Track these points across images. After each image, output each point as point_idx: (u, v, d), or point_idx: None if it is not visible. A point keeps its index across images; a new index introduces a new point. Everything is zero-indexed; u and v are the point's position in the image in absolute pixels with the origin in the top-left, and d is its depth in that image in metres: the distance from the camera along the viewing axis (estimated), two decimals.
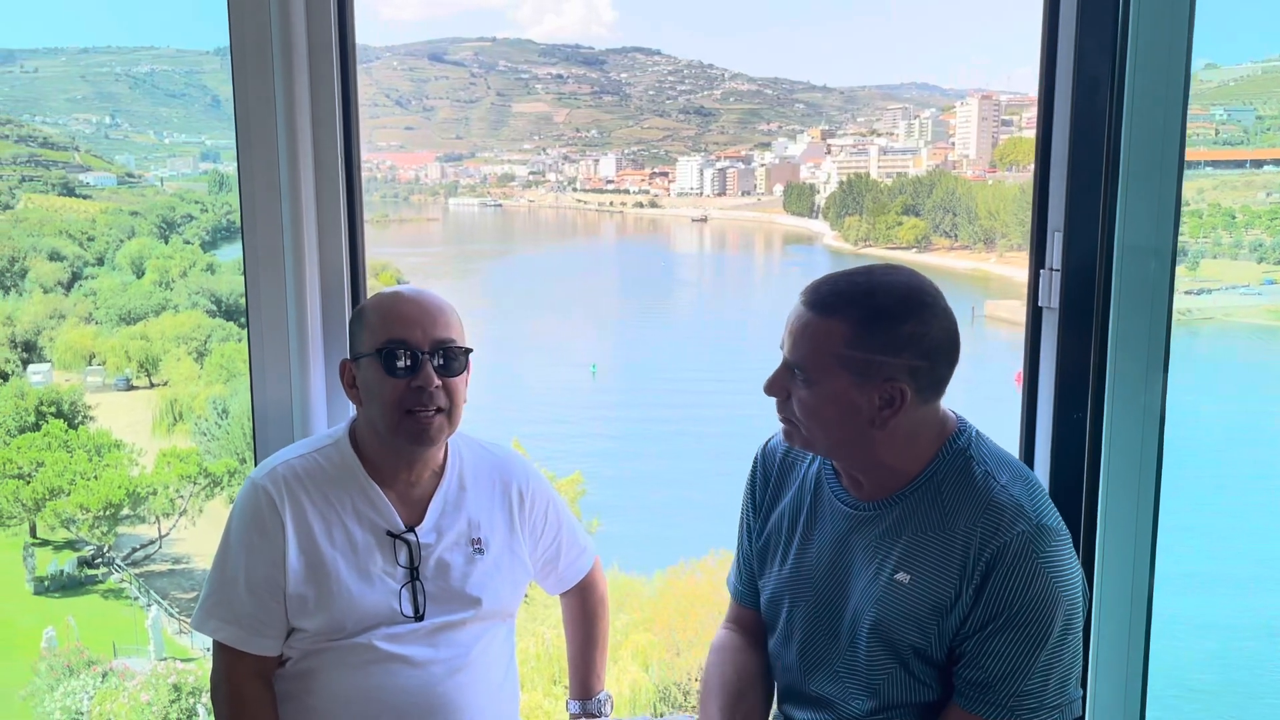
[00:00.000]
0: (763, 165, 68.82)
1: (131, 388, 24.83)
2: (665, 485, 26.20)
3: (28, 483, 18.73)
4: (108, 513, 18.85)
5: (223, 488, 19.17)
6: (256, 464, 2.07)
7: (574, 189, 73.85)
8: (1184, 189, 1.98)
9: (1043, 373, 2.16)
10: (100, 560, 19.22)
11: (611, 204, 71.45)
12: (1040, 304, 2.14)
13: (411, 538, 1.92)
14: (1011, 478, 1.70)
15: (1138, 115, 1.94)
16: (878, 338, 1.63)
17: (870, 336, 1.63)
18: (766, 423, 1.87)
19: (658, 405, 33.58)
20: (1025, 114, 55.87)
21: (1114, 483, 2.04)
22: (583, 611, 2.28)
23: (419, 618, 1.90)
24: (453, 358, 1.90)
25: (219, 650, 1.90)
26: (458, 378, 1.91)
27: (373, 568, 1.89)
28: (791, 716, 1.89)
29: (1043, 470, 2.15)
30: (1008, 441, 2.01)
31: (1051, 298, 2.09)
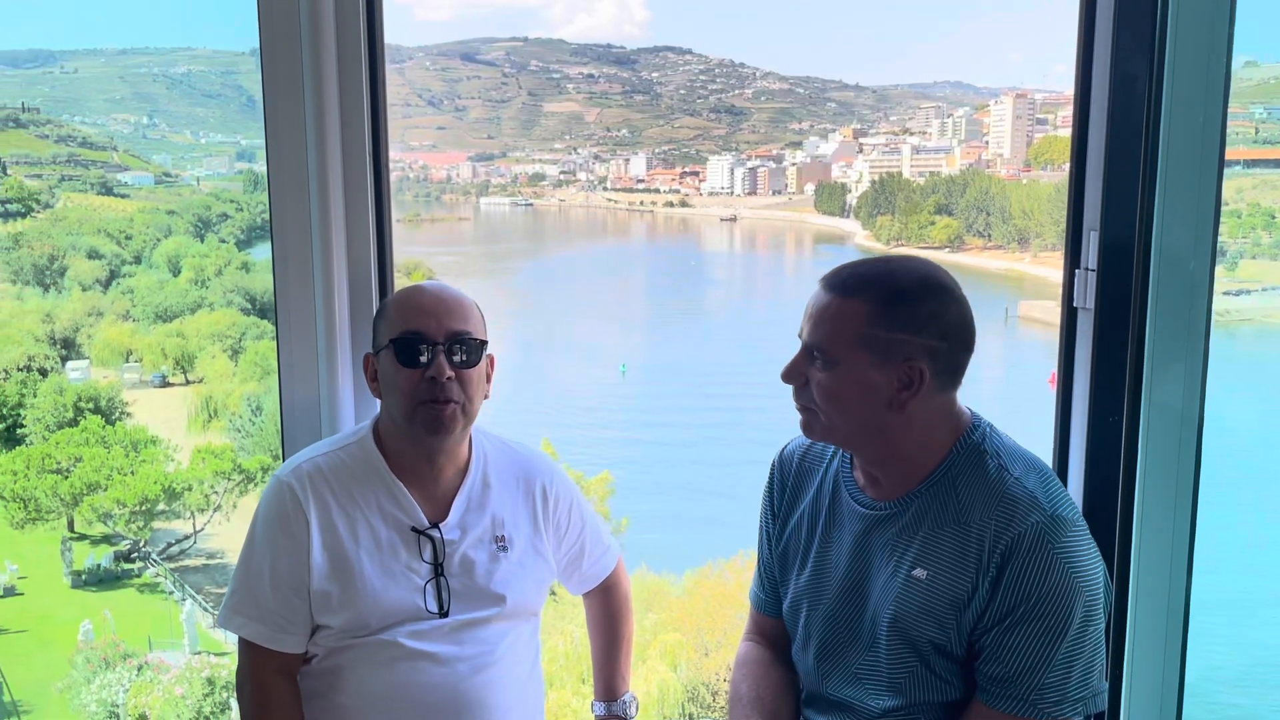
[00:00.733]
0: (794, 164, 68.59)
1: (167, 384, 25.18)
2: (694, 485, 26.19)
3: (66, 478, 19.03)
4: (144, 508, 19.12)
5: (256, 484, 19.39)
6: (283, 461, 2.08)
7: (604, 188, 73.96)
8: (1223, 189, 1.94)
9: (1078, 375, 2.12)
10: (136, 555, 19.49)
11: (642, 203, 71.48)
12: (1075, 304, 2.10)
13: (436, 534, 1.92)
14: (1025, 470, 1.69)
15: (1176, 113, 1.91)
16: (898, 317, 1.65)
17: (891, 315, 1.65)
18: (795, 421, 1.85)
19: (687, 405, 33.57)
20: (1061, 112, 55.28)
21: (1150, 487, 2.00)
22: (606, 612, 2.27)
23: (443, 614, 1.90)
24: (468, 350, 1.90)
25: (244, 647, 1.90)
26: (473, 369, 1.91)
27: (397, 564, 1.89)
28: None
29: (1077, 474, 2.12)
30: (1042, 444, 1.97)
31: (1087, 298, 2.06)
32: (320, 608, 1.86)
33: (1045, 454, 1.99)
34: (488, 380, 1.97)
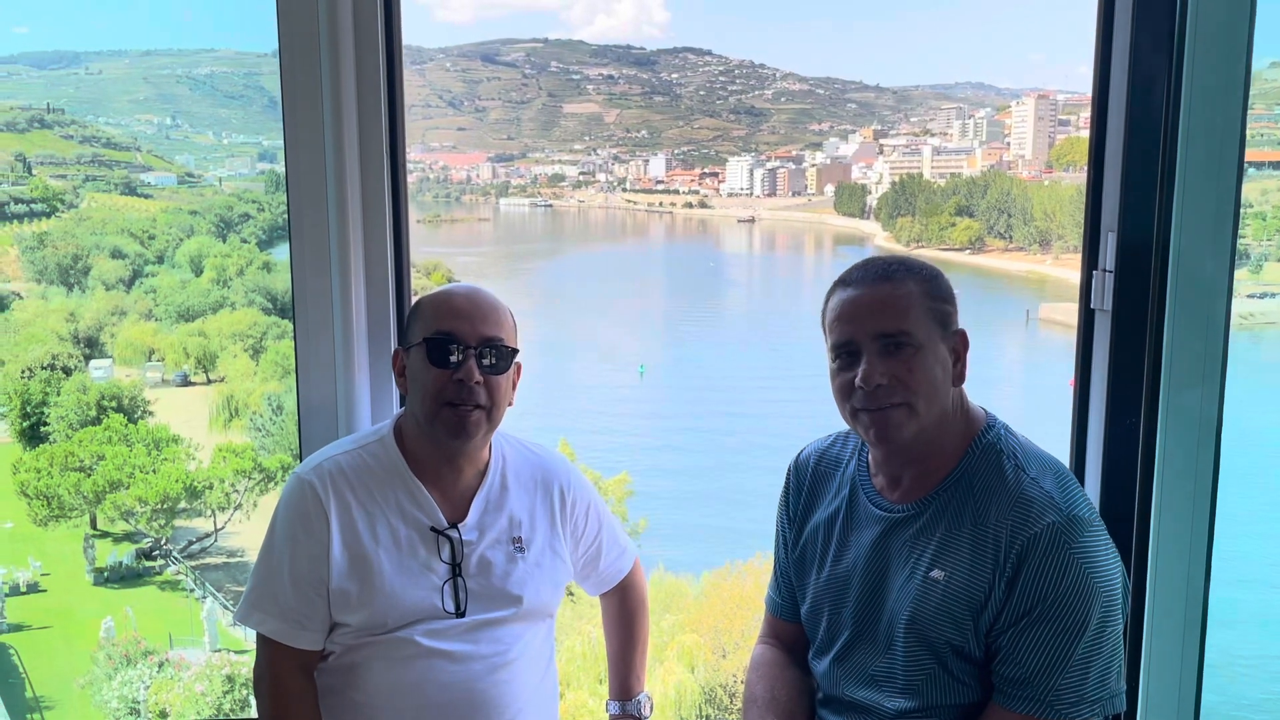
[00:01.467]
0: (813, 165, 68.42)
1: (189, 383, 25.34)
2: (712, 486, 26.15)
3: (89, 476, 19.19)
4: (165, 506, 19.26)
5: (276, 483, 19.49)
6: (302, 459, 2.09)
7: (624, 189, 73.99)
8: (1246, 191, 1.93)
9: (1095, 376, 2.11)
10: (158, 552, 19.63)
11: (661, 204, 71.46)
12: (1093, 306, 2.09)
13: (454, 534, 1.93)
14: (1042, 470, 1.69)
15: (1195, 115, 1.90)
16: (942, 288, 1.74)
17: (938, 287, 1.73)
18: (814, 423, 1.86)
19: (705, 406, 33.54)
20: (1083, 114, 54.86)
21: (1168, 490, 1.99)
22: (622, 612, 2.28)
23: (460, 614, 1.91)
24: (499, 356, 1.91)
25: (262, 643, 1.92)
26: (501, 376, 1.91)
27: (415, 563, 1.90)
28: None
29: (1094, 476, 2.11)
30: (1059, 446, 1.97)
31: (1104, 300, 2.05)
32: (339, 605, 1.87)
33: (1063, 456, 1.98)
34: (513, 387, 1.97)
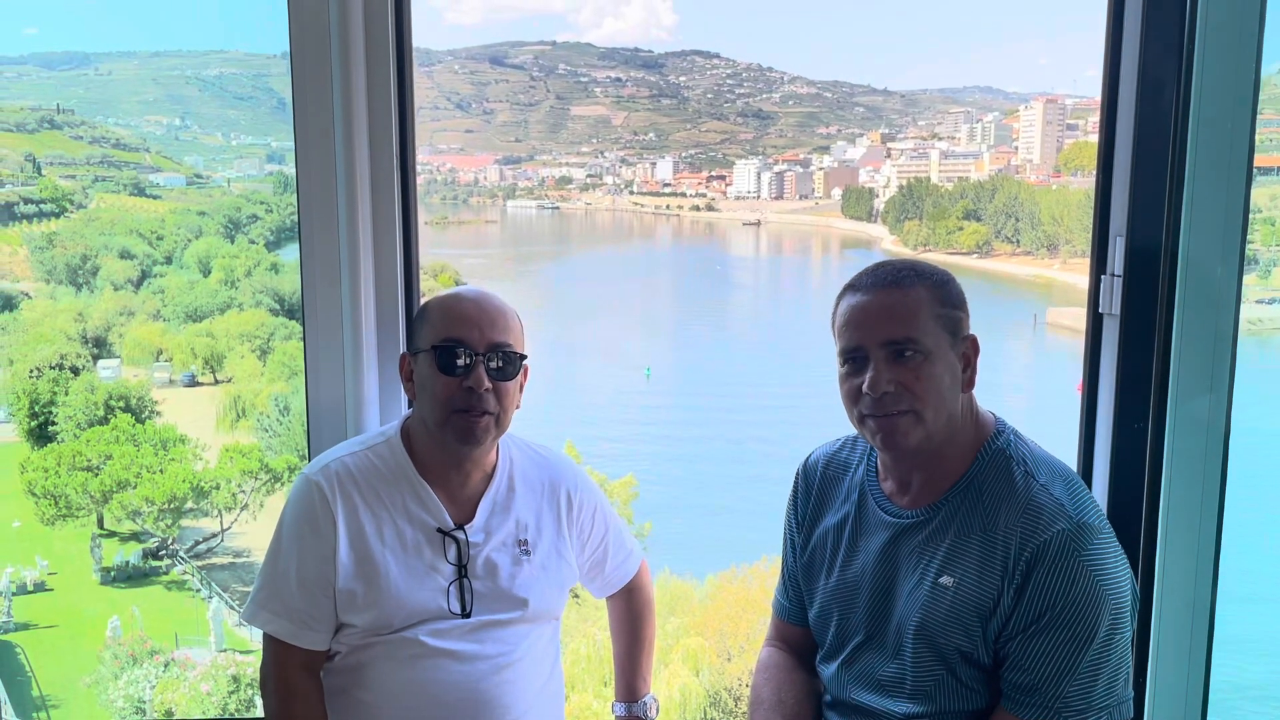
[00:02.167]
0: (821, 169, 68.35)
1: (196, 384, 25.38)
2: (717, 489, 26.13)
3: (96, 475, 19.23)
4: (172, 506, 19.29)
5: (283, 483, 19.51)
6: (310, 460, 2.10)
7: (631, 192, 74.00)
8: (1255, 196, 1.92)
9: (1103, 381, 2.11)
10: (164, 552, 19.66)
11: (668, 207, 71.46)
12: (1101, 310, 2.09)
13: (461, 535, 1.93)
14: (1051, 477, 1.69)
15: (1205, 119, 1.89)
16: (952, 294, 1.71)
17: (948, 293, 1.71)
18: (820, 426, 1.85)
19: (711, 408, 33.50)
20: (1091, 118, 54.81)
21: (1175, 496, 1.99)
22: (629, 614, 2.28)
23: (466, 615, 1.91)
24: (507, 362, 1.91)
25: (269, 643, 1.93)
26: (510, 382, 1.92)
27: (421, 565, 1.91)
28: None
29: (1102, 481, 2.10)
30: (1066, 451, 1.97)
31: (1113, 304, 2.05)
32: (345, 606, 1.88)
33: (1071, 461, 1.98)
34: (520, 390, 1.97)
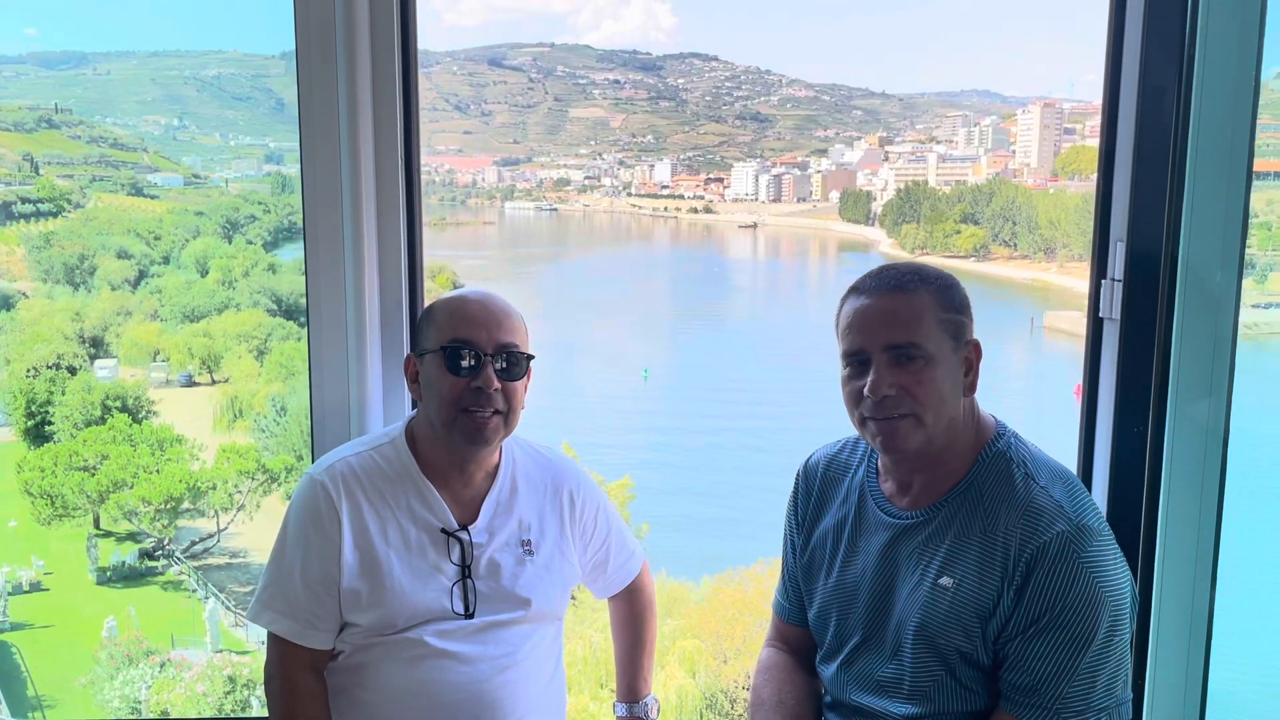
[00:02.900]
0: (819, 172, 68.36)
1: (193, 384, 25.33)
2: (715, 491, 26.11)
3: (93, 475, 19.19)
4: (168, 506, 19.25)
5: (279, 484, 19.48)
6: (314, 460, 2.10)
7: (629, 194, 73.99)
8: (1253, 200, 1.93)
9: (1103, 385, 2.12)
10: (160, 552, 19.62)
11: (666, 209, 71.45)
12: (1101, 315, 2.10)
13: (464, 536, 1.94)
14: (1051, 479, 1.70)
15: (1205, 124, 1.90)
16: (956, 298, 1.71)
17: (951, 298, 1.71)
18: (817, 429, 1.86)
19: (709, 411, 33.48)
20: (1089, 122, 54.85)
21: (1174, 498, 2.00)
22: (630, 615, 2.29)
23: (469, 615, 1.92)
24: (514, 362, 1.93)
25: (273, 642, 1.93)
26: (517, 382, 1.93)
27: (425, 565, 1.91)
28: None
29: (1101, 484, 2.11)
30: (1066, 454, 1.97)
31: (1113, 309, 2.06)
32: (349, 606, 1.89)
33: (1070, 464, 1.99)
34: (525, 390, 1.99)
